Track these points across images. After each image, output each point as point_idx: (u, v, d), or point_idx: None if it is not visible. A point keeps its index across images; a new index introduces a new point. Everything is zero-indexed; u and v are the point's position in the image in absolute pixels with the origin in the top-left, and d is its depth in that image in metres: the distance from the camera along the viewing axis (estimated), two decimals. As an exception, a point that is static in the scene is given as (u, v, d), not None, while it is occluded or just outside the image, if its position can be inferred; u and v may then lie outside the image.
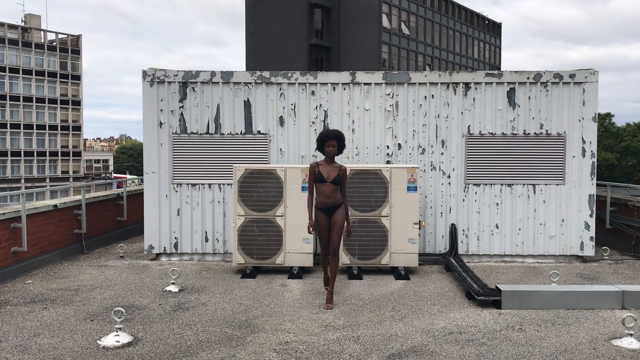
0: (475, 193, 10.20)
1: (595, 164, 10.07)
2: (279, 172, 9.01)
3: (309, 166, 7.63)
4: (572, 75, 10.03)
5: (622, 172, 72.81)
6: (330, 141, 7.23)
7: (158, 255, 10.33)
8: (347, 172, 10.55)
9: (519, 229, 10.17)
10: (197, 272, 9.27)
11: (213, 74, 10.14)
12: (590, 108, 10.03)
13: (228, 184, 10.10)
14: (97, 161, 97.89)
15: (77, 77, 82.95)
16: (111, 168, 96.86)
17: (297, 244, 8.98)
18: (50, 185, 70.92)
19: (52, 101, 79.97)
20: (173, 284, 8.12)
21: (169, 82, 10.12)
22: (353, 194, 9.00)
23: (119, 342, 5.77)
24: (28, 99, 77.51)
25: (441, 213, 10.26)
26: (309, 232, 7.25)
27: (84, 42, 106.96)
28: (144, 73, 10.12)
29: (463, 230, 10.23)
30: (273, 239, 9.01)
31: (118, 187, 15.66)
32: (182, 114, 10.14)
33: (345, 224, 7.38)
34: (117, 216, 12.45)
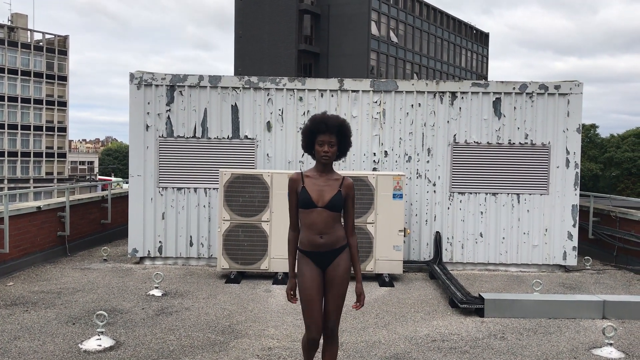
0: (460, 201, 10.27)
1: (579, 174, 10.18)
2: (265, 178, 9.00)
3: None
4: (557, 87, 10.14)
5: (606, 183, 73.60)
6: (324, 135, 4.06)
7: (142, 259, 10.27)
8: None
9: (503, 238, 10.25)
10: (181, 277, 9.22)
11: (201, 78, 10.13)
12: (574, 119, 10.14)
13: (214, 188, 10.08)
14: (82, 163, 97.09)
15: (64, 78, 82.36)
16: (96, 170, 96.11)
17: (282, 249, 8.97)
18: (34, 187, 70.23)
19: (38, 101, 79.31)
20: (156, 288, 8.08)
21: (157, 85, 10.09)
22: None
23: (100, 346, 5.73)
24: (13, 99, 76.80)
25: (426, 221, 10.31)
26: (289, 299, 4.23)
27: (71, 43, 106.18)
28: (132, 76, 10.09)
29: (447, 238, 10.29)
30: (258, 245, 9.00)
31: (103, 190, 15.56)
32: (169, 117, 10.11)
33: (356, 282, 4.31)
34: (101, 219, 12.37)
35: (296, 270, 4.21)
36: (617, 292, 8.83)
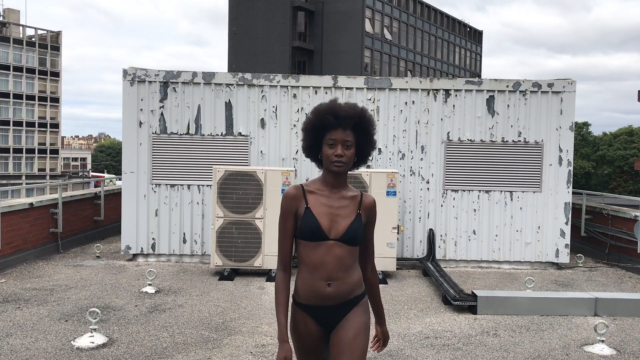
0: (454, 199, 10.29)
1: (572, 172, 10.22)
2: (259, 174, 8.99)
3: (282, 194, 3.21)
4: (550, 85, 10.17)
5: (598, 181, 73.93)
6: (336, 132, 2.75)
7: (135, 256, 10.25)
8: None
9: (496, 235, 10.28)
10: (174, 274, 9.21)
11: (194, 74, 10.10)
12: (567, 117, 10.18)
13: (207, 185, 10.06)
14: (75, 159, 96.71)
15: (56, 74, 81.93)
16: (89, 166, 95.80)
17: (276, 246, 8.97)
18: (27, 183, 69.92)
19: (30, 97, 78.86)
20: (150, 285, 8.06)
21: (150, 82, 10.05)
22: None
23: (93, 343, 5.72)
24: (5, 95, 76.35)
25: (419, 218, 10.32)
26: None
27: (63, 39, 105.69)
28: (125, 72, 10.05)
29: (441, 235, 10.31)
30: (252, 242, 9.00)
31: (96, 186, 15.50)
32: (162, 113, 10.08)
33: (375, 340, 3.14)
34: (94, 215, 12.32)
35: (289, 328, 2.81)
36: (609, 289, 8.88)
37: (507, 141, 10.21)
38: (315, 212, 2.71)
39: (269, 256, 8.99)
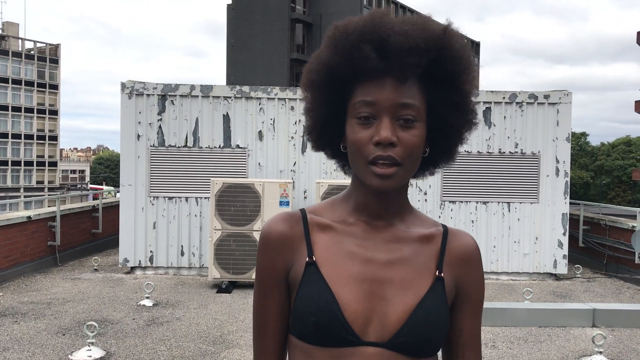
0: (451, 210, 10.31)
1: (569, 183, 10.25)
2: (256, 186, 9.01)
3: (260, 234, 1.25)
4: (546, 96, 10.23)
5: (597, 191, 74.03)
6: (381, 85, 1.09)
7: (133, 269, 10.23)
8: (324, 189, 9.05)
9: (494, 246, 10.29)
10: (172, 287, 9.20)
11: (192, 87, 10.15)
12: (564, 128, 10.22)
13: (205, 198, 10.07)
14: (74, 171, 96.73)
15: (55, 87, 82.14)
16: (87, 179, 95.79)
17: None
18: (25, 196, 69.85)
19: (29, 110, 79.01)
20: (147, 298, 8.05)
21: (148, 95, 10.09)
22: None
23: (90, 357, 5.71)
24: (4, 108, 76.49)
25: (417, 229, 10.32)
26: None
27: (62, 51, 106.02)
28: (123, 85, 10.09)
29: (439, 246, 10.31)
30: (250, 254, 9.00)
31: (94, 199, 15.50)
32: (160, 126, 10.11)
33: None
34: (92, 228, 12.32)
35: None
36: (606, 300, 8.88)
37: (504, 152, 10.25)
38: (330, 273, 1.15)
39: (267, 268, 8.97)
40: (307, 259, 1.16)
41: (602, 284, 10.13)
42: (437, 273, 1.17)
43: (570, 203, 10.99)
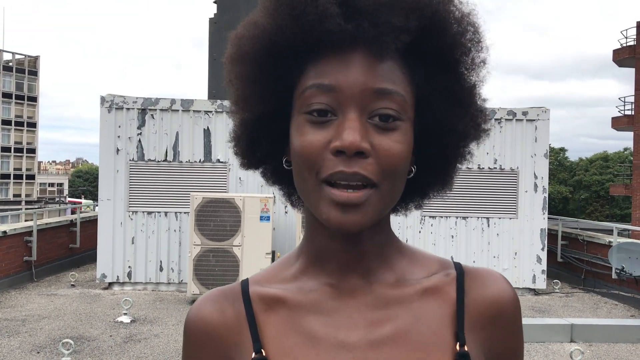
0: (432, 225, 10.35)
1: (547, 198, 10.36)
2: (237, 201, 8.97)
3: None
4: (524, 113, 10.36)
5: (576, 205, 74.94)
6: (342, 61, 0.71)
7: (111, 284, 10.10)
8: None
9: (474, 262, 10.33)
10: (150, 302, 9.09)
11: (173, 101, 10.11)
12: (542, 144, 10.35)
13: (185, 213, 9.99)
14: (52, 185, 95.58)
15: (34, 99, 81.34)
16: (66, 192, 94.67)
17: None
18: (0, 210, 68.79)
19: (6, 122, 78.09)
20: (125, 314, 7.94)
21: (128, 109, 10.03)
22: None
23: (65, 375, 5.60)
24: (-19, 120, 75.53)
25: (398, 245, 10.35)
26: None
27: (42, 63, 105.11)
28: (102, 99, 10.02)
29: (419, 262, 10.34)
30: (229, 270, 8.93)
31: (72, 213, 15.32)
32: (140, 140, 10.05)
33: None
34: (69, 243, 12.15)
35: None
36: (584, 315, 8.96)
37: (483, 168, 10.34)
38: None
39: (246, 284, 8.91)
40: (253, 355, 0.77)
41: (580, 298, 10.22)
42: (457, 347, 0.75)
43: (549, 218, 11.10)
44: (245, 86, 0.78)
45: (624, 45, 23.31)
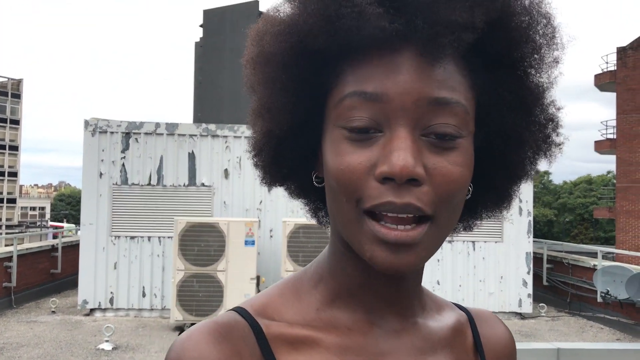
0: (417, 249, 10.32)
1: (532, 222, 10.39)
2: (221, 226, 8.89)
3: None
4: (508, 137, 10.43)
5: (561, 228, 75.44)
6: (395, 67, 0.59)
7: (92, 311, 9.92)
8: (290, 228, 8.84)
9: (460, 285, 10.30)
10: (132, 329, 8.92)
11: (157, 125, 10.06)
12: (526, 168, 10.40)
13: (169, 237, 9.88)
14: (33, 208, 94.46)
15: (16, 122, 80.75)
16: (48, 216, 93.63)
17: (238, 300, 8.79)
18: (-18, 233, 67.79)
19: (-11, 145, 77.33)
20: (107, 341, 7.78)
21: (112, 132, 9.96)
22: (298, 248, 8.89)
23: (43, 406, 5.45)
24: (-37, 143, 74.79)
25: (384, 269, 10.30)
26: None
27: (25, 85, 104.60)
28: (86, 123, 9.95)
29: (405, 286, 10.29)
30: (213, 295, 8.81)
31: (54, 237, 15.11)
32: (123, 164, 9.96)
33: None
34: (50, 268, 11.94)
35: None
36: (570, 339, 8.93)
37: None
38: None
39: (231, 310, 8.79)
40: None
41: (566, 322, 10.21)
42: None
43: (534, 241, 11.12)
44: (271, 94, 0.65)
45: (605, 70, 23.71)
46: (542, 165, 0.72)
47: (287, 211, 10.08)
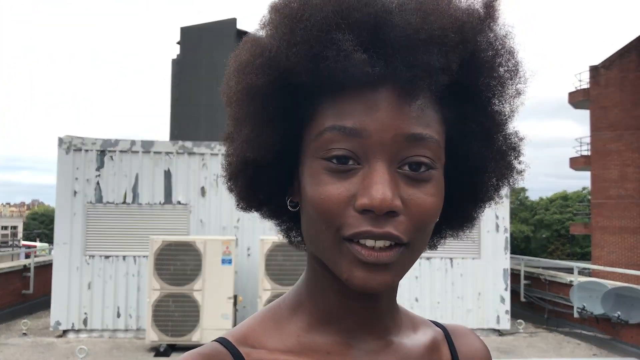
0: (396, 266, 10.30)
1: (509, 238, 10.44)
2: (198, 244, 8.77)
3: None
4: (485, 154, 10.52)
5: (538, 244, 76.09)
6: (370, 102, 0.62)
7: (65, 332, 9.70)
8: (268, 246, 8.56)
9: (438, 302, 10.29)
10: (107, 350, 8.73)
11: (133, 142, 9.95)
12: (502, 185, 10.48)
13: (144, 256, 9.73)
14: (5, 227, 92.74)
15: (-9, 139, 79.50)
16: (20, 235, 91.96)
17: (215, 320, 8.66)
18: (-47, 253, 66.32)
19: (-38, 163, 75.97)
20: (79, 364, 7.60)
21: (86, 150, 9.83)
22: (276, 266, 8.80)
23: None
24: None
25: (362, 286, 10.25)
26: None
27: None
28: (60, 140, 9.80)
29: (384, 303, 10.25)
30: (189, 315, 8.67)
31: (26, 257, 14.81)
32: (98, 182, 9.82)
33: None
34: (22, 289, 11.68)
35: None
36: (548, 355, 8.95)
37: (445, 208, 10.40)
38: None
39: (207, 330, 8.66)
40: None
41: (544, 338, 10.23)
42: None
43: (511, 257, 11.17)
44: (250, 124, 0.67)
45: (578, 88, 24.12)
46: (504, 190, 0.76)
47: (265, 229, 9.99)
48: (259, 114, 0.65)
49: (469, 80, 0.65)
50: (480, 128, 0.68)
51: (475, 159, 0.69)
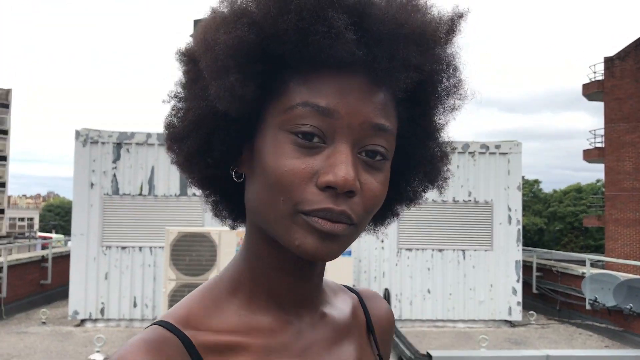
0: (408, 258, 10.38)
1: (521, 230, 10.48)
2: (213, 235, 8.90)
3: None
4: (497, 146, 10.54)
5: (551, 237, 75.68)
6: (339, 89, 0.65)
7: (83, 321, 9.89)
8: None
9: (450, 294, 10.36)
10: (123, 339, 8.90)
11: (149, 135, 10.08)
12: (515, 177, 10.52)
13: (160, 247, 9.88)
14: (22, 219, 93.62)
15: (4, 132, 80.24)
16: (36, 227, 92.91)
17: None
18: (-30, 244, 67.04)
19: (-23, 156, 76.78)
20: (98, 352, 7.76)
21: (103, 143, 9.98)
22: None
23: (34, 417, 5.43)
24: (-49, 153, 74.20)
25: (375, 277, 10.34)
26: None
27: (14, 95, 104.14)
28: (77, 133, 9.96)
29: (396, 294, 10.33)
30: (205, 304, 8.80)
31: (43, 248, 15.04)
32: (114, 175, 9.97)
33: None
34: (40, 279, 11.90)
35: None
36: (560, 346, 9.00)
37: (457, 201, 10.45)
38: None
39: (222, 319, 8.80)
40: None
41: (556, 330, 10.28)
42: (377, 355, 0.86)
43: (524, 249, 11.21)
44: (218, 80, 0.65)
45: (593, 79, 23.96)
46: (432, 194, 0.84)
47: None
48: (244, 66, 0.64)
49: (425, 85, 0.69)
50: (423, 132, 0.74)
51: (414, 160, 0.76)
